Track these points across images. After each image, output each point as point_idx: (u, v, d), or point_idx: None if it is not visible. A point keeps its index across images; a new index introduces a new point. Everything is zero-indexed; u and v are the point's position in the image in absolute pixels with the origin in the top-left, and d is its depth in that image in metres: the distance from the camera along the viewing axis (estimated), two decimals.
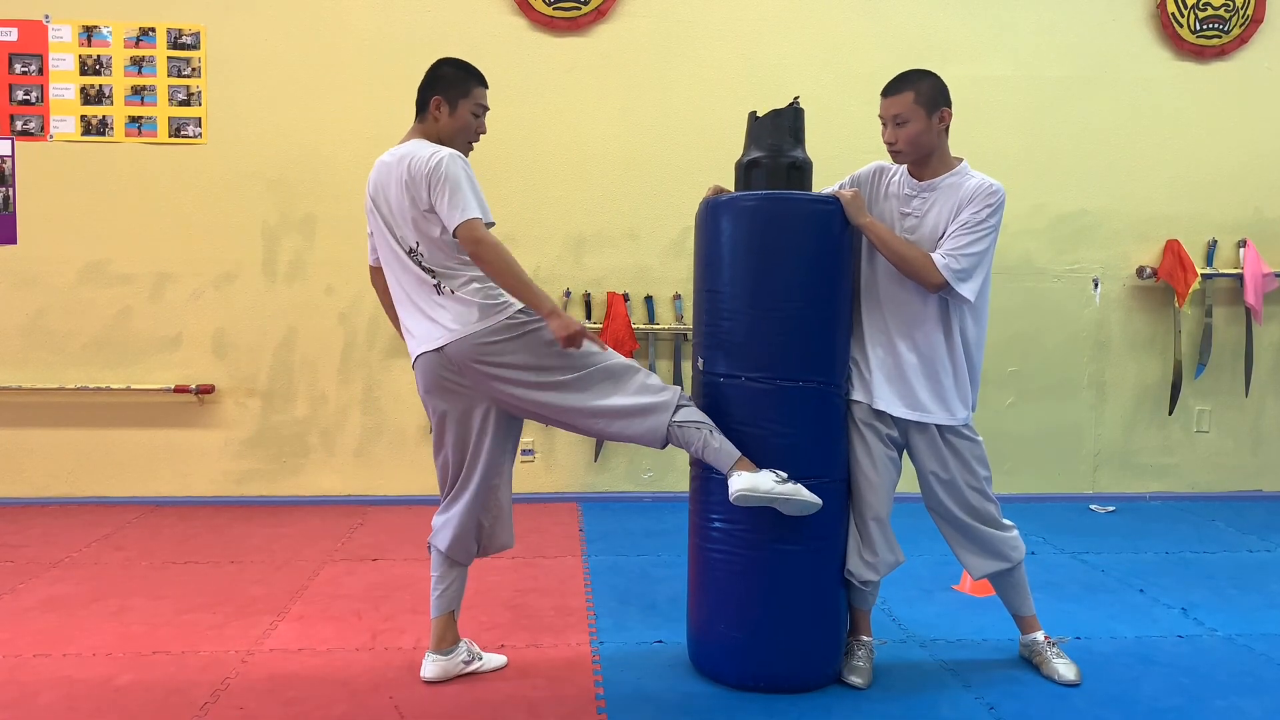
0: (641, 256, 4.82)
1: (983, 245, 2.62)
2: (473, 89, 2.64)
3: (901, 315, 2.71)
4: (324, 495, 4.79)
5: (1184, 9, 4.90)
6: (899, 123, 2.65)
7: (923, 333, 2.69)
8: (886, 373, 2.72)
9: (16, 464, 4.69)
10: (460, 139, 2.65)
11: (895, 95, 2.67)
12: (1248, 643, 3.10)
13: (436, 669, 2.73)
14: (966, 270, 2.60)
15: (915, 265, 2.62)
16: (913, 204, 2.72)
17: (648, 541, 4.17)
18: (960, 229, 2.62)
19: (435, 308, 2.56)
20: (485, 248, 2.44)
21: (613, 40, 4.73)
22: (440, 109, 2.62)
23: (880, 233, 2.65)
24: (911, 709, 2.62)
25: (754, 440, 2.61)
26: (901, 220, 2.73)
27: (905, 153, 2.68)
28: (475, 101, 2.64)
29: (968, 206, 2.63)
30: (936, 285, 2.62)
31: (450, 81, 2.62)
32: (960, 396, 2.71)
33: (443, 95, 2.61)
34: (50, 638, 3.04)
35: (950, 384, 2.70)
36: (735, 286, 2.64)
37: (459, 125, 2.63)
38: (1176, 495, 5.09)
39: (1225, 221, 5.04)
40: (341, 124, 4.64)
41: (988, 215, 2.62)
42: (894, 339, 2.71)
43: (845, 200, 2.65)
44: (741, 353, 2.64)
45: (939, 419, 2.71)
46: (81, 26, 4.59)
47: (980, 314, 2.74)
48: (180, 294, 4.68)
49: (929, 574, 3.68)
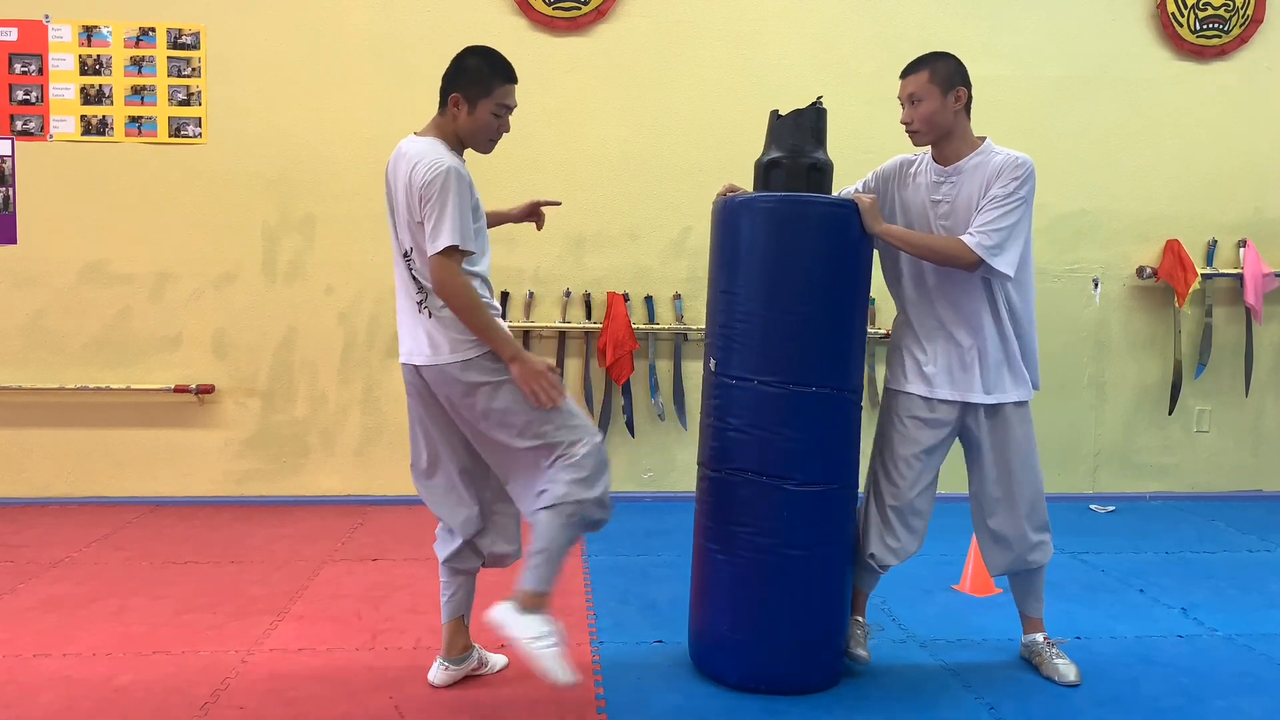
0: (641, 256, 4.82)
1: (1013, 218, 2.59)
2: (496, 87, 2.48)
3: (950, 303, 2.70)
4: (324, 495, 4.78)
5: (1184, 9, 4.90)
6: (914, 101, 2.66)
7: (973, 316, 2.69)
8: (947, 361, 2.72)
9: (16, 464, 4.69)
10: (480, 139, 2.54)
11: (911, 75, 2.68)
12: (1248, 643, 3.10)
13: (445, 676, 2.71)
14: (999, 245, 2.58)
15: (946, 252, 2.60)
16: (942, 190, 2.70)
17: (648, 541, 4.17)
18: (989, 204, 2.60)
19: (417, 324, 2.52)
20: (447, 288, 2.38)
21: (613, 40, 4.73)
22: (459, 107, 2.48)
23: (900, 235, 2.64)
24: (911, 709, 2.62)
25: (764, 444, 2.60)
26: (934, 208, 2.71)
27: (922, 132, 2.68)
28: (497, 101, 2.49)
29: (995, 182, 2.61)
30: (972, 264, 2.59)
31: (473, 77, 2.47)
32: (1015, 375, 2.73)
33: (462, 93, 2.47)
34: (50, 638, 3.04)
35: (1005, 363, 2.71)
36: (750, 288, 2.62)
37: (478, 125, 2.50)
38: (1176, 495, 5.09)
39: (1225, 221, 5.04)
40: (341, 124, 4.64)
41: (1016, 187, 2.59)
42: (949, 328, 2.71)
43: (863, 208, 2.63)
44: (755, 355, 2.62)
45: (1001, 398, 2.71)
46: (81, 26, 4.59)
47: (1025, 288, 2.72)
48: (180, 294, 4.68)
49: (929, 574, 3.68)
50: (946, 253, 2.60)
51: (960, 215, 2.67)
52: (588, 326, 4.77)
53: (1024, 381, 2.75)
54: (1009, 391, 2.73)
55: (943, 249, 2.61)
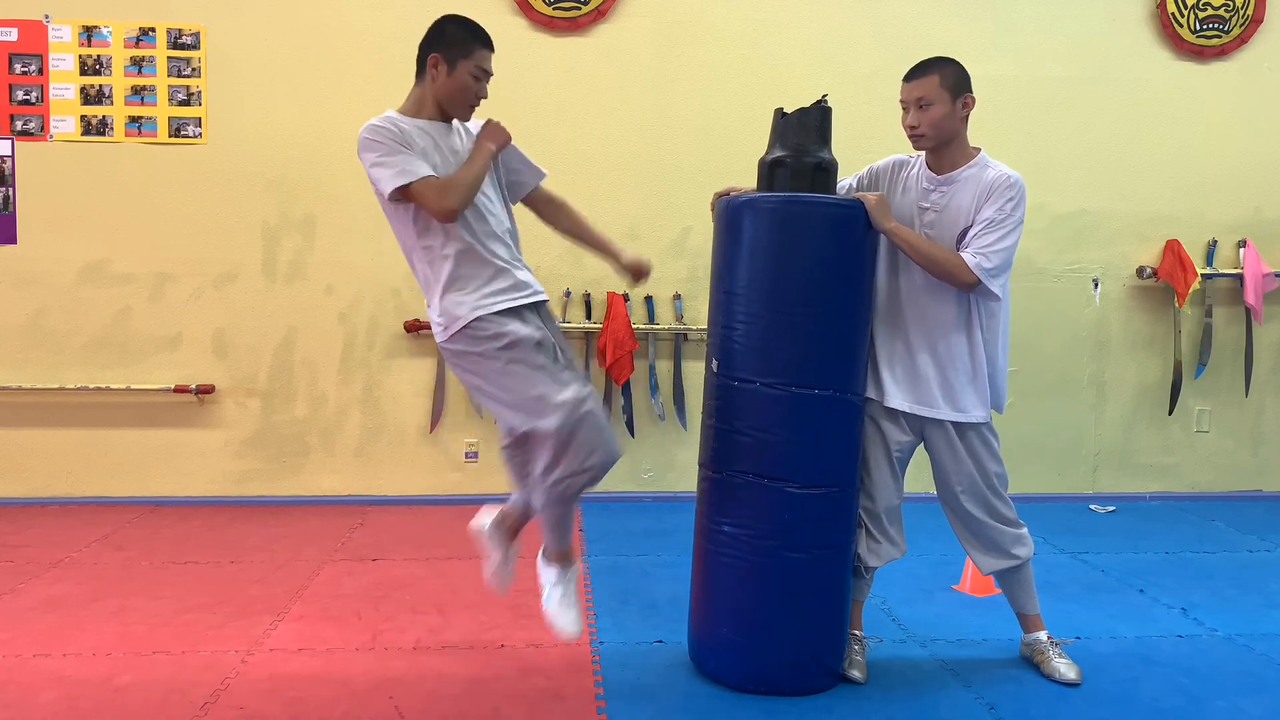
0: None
1: (1011, 240, 2.58)
2: (475, 50, 2.50)
3: (920, 314, 2.68)
4: (324, 495, 4.78)
5: (1184, 9, 4.90)
6: (922, 105, 2.61)
7: (941, 331, 2.66)
8: (903, 370, 2.70)
9: (16, 464, 4.69)
10: (460, 102, 2.54)
11: (919, 79, 2.63)
12: (1248, 643, 3.10)
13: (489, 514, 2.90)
14: (999, 268, 2.57)
15: (947, 267, 2.57)
16: (931, 198, 2.68)
17: (648, 541, 4.17)
18: (986, 227, 2.57)
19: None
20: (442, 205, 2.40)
21: (613, 40, 4.73)
22: (438, 67, 2.49)
23: (907, 237, 2.60)
24: (911, 709, 2.62)
25: (765, 446, 2.60)
26: (921, 214, 2.69)
27: (928, 136, 2.64)
28: (476, 64, 2.51)
29: (988, 203, 2.59)
30: (969, 285, 2.58)
31: (452, 40, 2.49)
32: (978, 395, 2.69)
33: (441, 54, 2.48)
34: (50, 638, 3.04)
35: (967, 382, 2.68)
36: (753, 289, 2.59)
37: (457, 86, 2.51)
38: (1176, 495, 5.09)
39: (1225, 221, 5.04)
40: (341, 124, 4.62)
41: (1012, 209, 2.58)
42: (911, 337, 2.69)
43: (870, 205, 2.58)
44: (757, 357, 2.60)
45: (953, 416, 2.69)
46: (81, 26, 4.59)
47: (997, 310, 2.69)
48: (180, 294, 4.68)
49: (929, 574, 3.68)
50: (947, 266, 2.58)
51: (945, 226, 2.65)
52: (588, 326, 4.77)
53: (979, 402, 2.70)
54: (969, 410, 2.69)
55: (944, 262, 2.58)
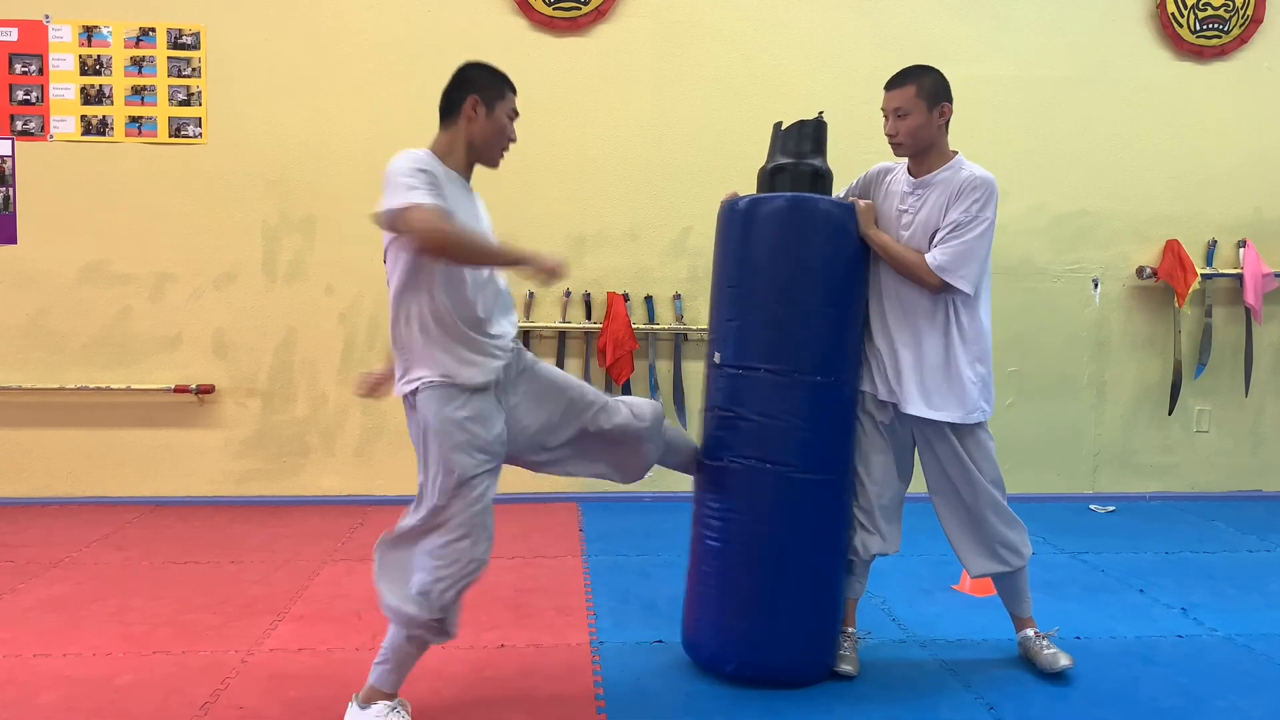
0: (641, 256, 4.82)
1: (973, 237, 2.63)
2: (507, 93, 2.48)
3: (904, 313, 2.74)
4: (324, 495, 4.78)
5: (1184, 9, 4.90)
6: (900, 115, 2.70)
7: (921, 331, 2.72)
8: (893, 368, 2.75)
9: (16, 464, 4.69)
10: (495, 145, 2.49)
11: (898, 89, 2.71)
12: (1248, 643, 3.10)
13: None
14: (955, 262, 2.62)
15: (912, 269, 2.68)
16: (909, 201, 2.75)
17: (648, 541, 4.17)
18: (952, 229, 2.65)
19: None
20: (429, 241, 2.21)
21: (613, 40, 4.73)
22: (477, 109, 2.41)
23: (881, 241, 2.71)
24: (911, 709, 2.62)
25: (767, 431, 2.66)
26: (899, 218, 2.76)
27: (905, 145, 2.72)
28: (511, 106, 2.49)
29: (956, 204, 2.65)
30: (935, 286, 2.66)
31: (486, 84, 2.44)
32: (954, 394, 2.70)
33: (480, 96, 2.41)
34: (50, 638, 3.04)
35: (942, 381, 2.70)
36: (758, 282, 2.70)
37: (496, 128, 2.46)
38: (1176, 495, 5.09)
39: (1225, 221, 5.04)
40: (341, 124, 4.64)
41: (978, 210, 2.64)
42: (896, 336, 2.75)
43: (859, 211, 2.72)
44: (761, 346, 2.69)
45: (927, 414, 2.71)
46: (81, 26, 4.59)
47: (977, 311, 2.72)
48: (180, 294, 4.68)
49: (929, 574, 3.68)
50: (912, 268, 2.67)
51: (919, 228, 2.71)
52: (588, 326, 4.77)
53: (970, 403, 2.70)
54: (948, 410, 2.70)
55: (911, 264, 2.67)
